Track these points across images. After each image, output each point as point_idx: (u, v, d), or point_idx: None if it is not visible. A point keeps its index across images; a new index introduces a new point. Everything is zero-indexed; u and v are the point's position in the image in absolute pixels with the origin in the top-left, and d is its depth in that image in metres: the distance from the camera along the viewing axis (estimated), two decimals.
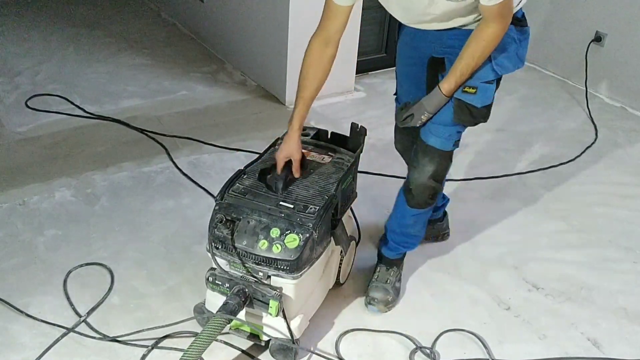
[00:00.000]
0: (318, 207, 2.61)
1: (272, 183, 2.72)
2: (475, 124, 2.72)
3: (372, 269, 3.17)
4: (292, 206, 2.61)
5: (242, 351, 2.76)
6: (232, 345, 2.77)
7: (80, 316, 2.88)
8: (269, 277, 2.57)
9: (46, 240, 3.33)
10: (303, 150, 2.85)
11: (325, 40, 2.67)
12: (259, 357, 2.74)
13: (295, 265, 2.53)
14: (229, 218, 2.60)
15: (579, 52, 5.37)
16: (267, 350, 2.72)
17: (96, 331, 2.82)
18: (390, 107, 3.06)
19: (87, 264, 3.18)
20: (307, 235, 2.53)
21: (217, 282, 2.60)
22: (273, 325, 2.66)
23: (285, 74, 4.65)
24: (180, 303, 2.99)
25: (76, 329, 2.82)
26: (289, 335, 2.64)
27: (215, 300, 2.66)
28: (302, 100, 2.75)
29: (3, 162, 3.95)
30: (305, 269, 2.58)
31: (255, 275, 2.58)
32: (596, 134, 4.72)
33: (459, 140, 2.76)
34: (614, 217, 3.82)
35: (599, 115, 4.99)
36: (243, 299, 2.54)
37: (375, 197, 3.35)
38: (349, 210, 3.01)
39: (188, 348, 2.40)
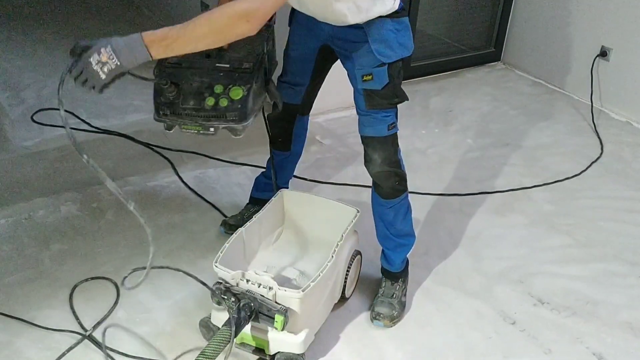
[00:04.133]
0: (252, 64, 2.72)
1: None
2: (392, 104, 2.84)
3: (378, 283, 3.18)
4: (228, 65, 2.72)
5: None
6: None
7: (85, 330, 2.89)
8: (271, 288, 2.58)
9: (52, 255, 3.34)
10: None
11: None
12: None
13: (243, 114, 2.66)
14: (173, 82, 2.70)
15: (585, 66, 5.38)
16: None
17: (102, 345, 2.82)
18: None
19: (92, 278, 3.19)
20: (249, 86, 2.66)
21: (222, 296, 2.61)
22: (279, 340, 2.66)
23: None
24: (186, 317, 3.00)
25: (82, 343, 2.82)
26: (294, 349, 2.64)
27: (220, 315, 2.66)
28: None
29: (9, 176, 3.96)
30: (252, 117, 2.71)
31: (206, 132, 2.71)
32: (601, 149, 4.72)
33: (392, 123, 2.87)
34: (619, 231, 3.82)
35: (605, 130, 4.99)
36: (248, 314, 2.55)
37: None
38: (354, 225, 3.01)
39: None
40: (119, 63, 2.26)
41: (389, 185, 2.94)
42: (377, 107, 2.81)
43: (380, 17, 2.67)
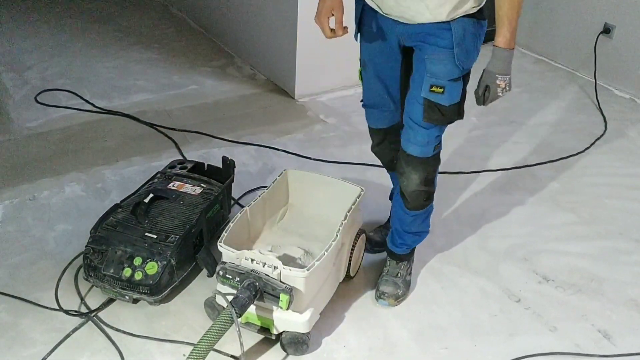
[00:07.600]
0: (178, 237, 2.95)
1: (139, 216, 3.07)
2: (449, 122, 2.68)
3: (383, 262, 3.17)
4: (155, 236, 2.95)
5: None
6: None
7: (91, 311, 2.89)
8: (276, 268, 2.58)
9: (56, 235, 3.34)
10: (178, 183, 3.30)
11: None
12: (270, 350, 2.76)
13: (155, 289, 2.87)
14: (98, 250, 2.93)
15: (588, 44, 5.36)
16: (278, 344, 2.73)
17: (107, 325, 2.83)
18: None
19: None
20: (165, 262, 2.87)
21: (227, 275, 2.61)
22: (284, 319, 2.67)
23: (294, 68, 4.65)
24: (191, 297, 3.00)
25: (87, 324, 2.83)
26: (299, 329, 2.65)
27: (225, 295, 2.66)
28: None
29: (13, 157, 3.96)
30: (167, 290, 2.92)
31: (123, 299, 2.91)
32: (605, 126, 4.71)
33: (439, 144, 2.75)
34: (624, 208, 3.82)
35: (608, 107, 4.98)
36: (253, 293, 2.55)
37: (388, 190, 3.36)
38: (358, 204, 3.01)
39: (199, 342, 2.41)
40: (507, 75, 2.55)
41: (418, 203, 2.86)
42: (435, 122, 2.63)
43: (465, 15, 2.47)
